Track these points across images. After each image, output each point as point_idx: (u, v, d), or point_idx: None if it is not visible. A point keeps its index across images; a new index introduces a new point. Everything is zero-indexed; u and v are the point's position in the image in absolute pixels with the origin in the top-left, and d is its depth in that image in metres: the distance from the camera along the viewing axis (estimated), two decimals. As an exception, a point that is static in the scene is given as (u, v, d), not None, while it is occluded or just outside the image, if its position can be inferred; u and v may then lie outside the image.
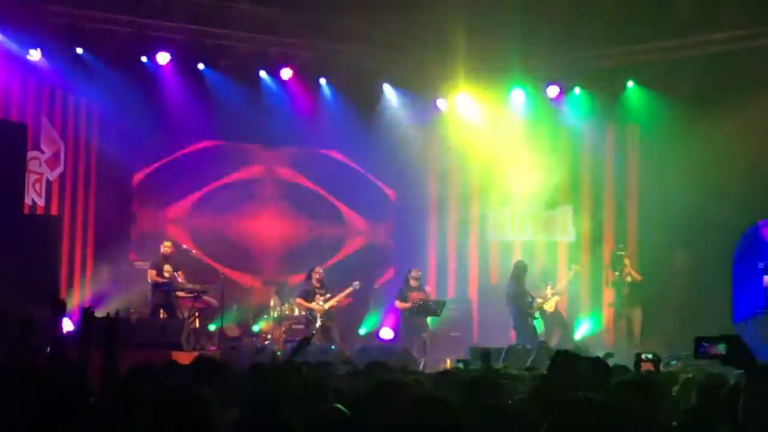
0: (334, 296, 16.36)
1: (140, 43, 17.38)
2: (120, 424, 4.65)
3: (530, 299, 16.25)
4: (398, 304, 16.38)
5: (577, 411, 3.93)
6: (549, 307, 16.91)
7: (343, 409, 4.49)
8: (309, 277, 16.52)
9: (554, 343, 16.09)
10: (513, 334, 16.38)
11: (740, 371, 4.27)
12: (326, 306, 16.16)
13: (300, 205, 19.98)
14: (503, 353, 13.06)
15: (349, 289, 16.54)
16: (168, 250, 16.59)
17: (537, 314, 16.58)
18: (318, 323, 16.03)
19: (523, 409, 5.04)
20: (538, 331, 16.42)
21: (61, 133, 17.79)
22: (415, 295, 16.25)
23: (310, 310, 16.25)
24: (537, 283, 17.24)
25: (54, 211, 17.43)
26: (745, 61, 16.01)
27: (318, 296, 16.27)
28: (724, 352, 4.14)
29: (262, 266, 19.59)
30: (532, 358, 12.20)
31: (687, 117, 16.57)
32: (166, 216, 19.11)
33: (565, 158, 18.92)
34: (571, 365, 5.43)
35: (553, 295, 17.09)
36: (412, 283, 16.44)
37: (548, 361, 5.76)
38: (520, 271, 16.44)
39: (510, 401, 5.53)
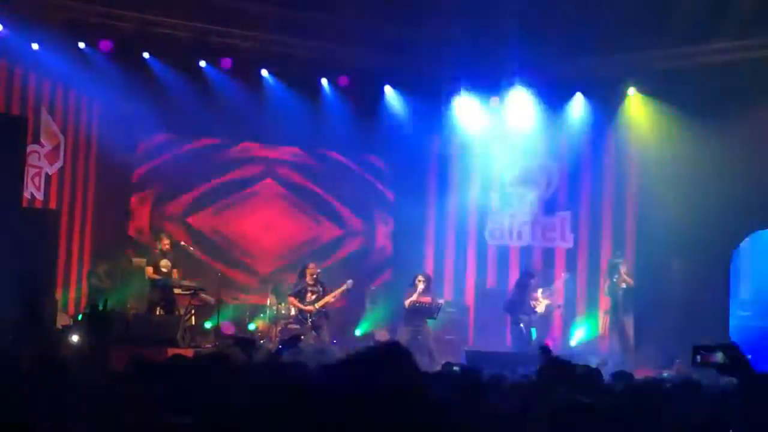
0: (328, 294, 16.27)
1: (142, 39, 17.37)
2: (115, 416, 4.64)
3: (531, 307, 16.14)
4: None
5: (574, 416, 3.92)
6: (539, 310, 16.81)
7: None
8: (302, 274, 16.24)
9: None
10: (509, 338, 16.40)
11: (736, 380, 4.26)
12: (317, 305, 16.01)
13: (299, 204, 19.98)
14: (497, 360, 12.96)
15: (343, 287, 16.38)
16: (166, 246, 16.55)
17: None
18: (308, 323, 15.94)
19: (517, 411, 5.03)
20: (533, 338, 16.39)
21: (62, 128, 17.80)
22: (420, 299, 15.98)
23: (301, 310, 16.13)
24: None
25: (52, 206, 17.42)
26: (745, 71, 16.02)
27: (310, 294, 16.10)
28: (721, 361, 4.13)
29: (259, 265, 19.58)
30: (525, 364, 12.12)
31: (687, 125, 16.59)
32: (165, 212, 19.10)
33: (564, 164, 19.00)
34: (564, 371, 5.44)
35: (544, 298, 17.00)
36: (418, 287, 16.13)
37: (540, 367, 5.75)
38: (526, 278, 16.39)
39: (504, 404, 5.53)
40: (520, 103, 18.63)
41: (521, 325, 15.88)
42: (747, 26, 15.67)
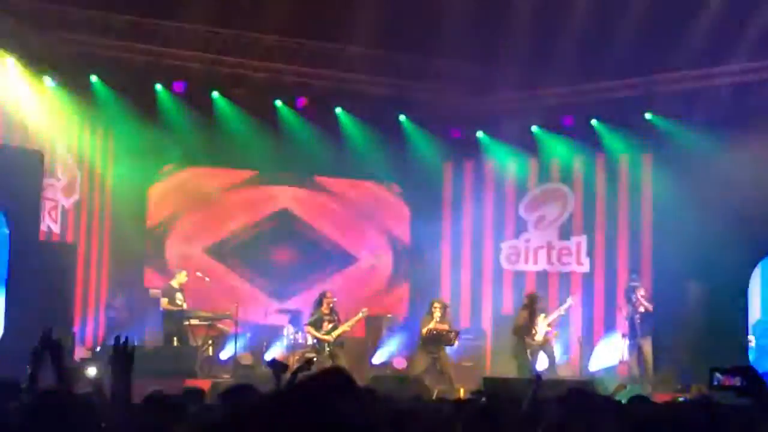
0: (343, 323, 16.25)
1: (155, 71, 17.49)
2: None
3: (535, 332, 16.01)
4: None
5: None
6: (538, 338, 16.60)
7: None
8: (320, 303, 16.20)
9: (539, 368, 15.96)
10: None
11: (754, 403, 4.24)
12: (333, 335, 16.00)
13: (313, 233, 19.99)
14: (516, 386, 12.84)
15: (358, 316, 16.44)
16: (183, 279, 16.64)
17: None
18: (326, 352, 15.92)
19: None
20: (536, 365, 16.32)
21: (77, 161, 17.87)
22: (436, 326, 15.92)
23: (319, 340, 16.11)
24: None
25: (69, 239, 17.46)
26: (761, 92, 16.01)
27: (326, 323, 16.08)
28: (739, 384, 4.12)
29: (275, 294, 19.54)
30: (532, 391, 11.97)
31: (702, 146, 16.55)
32: (182, 242, 19.12)
33: (579, 188, 18.99)
34: (584, 403, 5.39)
35: (545, 324, 16.82)
36: (435, 314, 16.07)
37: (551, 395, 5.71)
38: (530, 304, 16.31)
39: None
40: (532, 128, 18.71)
41: (528, 350, 15.80)
42: (762, 47, 15.69)
